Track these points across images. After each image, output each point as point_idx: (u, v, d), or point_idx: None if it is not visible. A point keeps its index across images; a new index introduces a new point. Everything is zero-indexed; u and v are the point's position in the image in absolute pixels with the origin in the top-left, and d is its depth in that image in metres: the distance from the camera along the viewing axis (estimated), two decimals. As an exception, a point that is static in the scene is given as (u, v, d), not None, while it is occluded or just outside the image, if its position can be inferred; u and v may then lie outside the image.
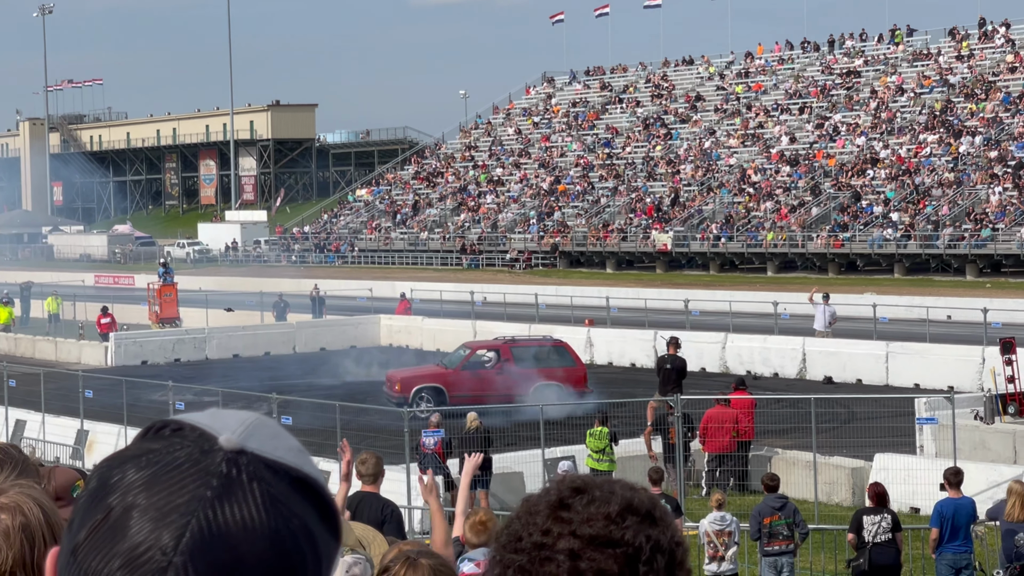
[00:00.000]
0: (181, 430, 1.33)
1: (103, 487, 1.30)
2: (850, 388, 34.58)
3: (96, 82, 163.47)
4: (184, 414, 1.37)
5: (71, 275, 77.97)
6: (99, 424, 29.07)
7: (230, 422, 1.34)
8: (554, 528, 1.70)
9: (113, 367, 42.82)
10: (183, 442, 1.31)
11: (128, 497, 1.28)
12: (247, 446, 1.31)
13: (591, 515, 1.71)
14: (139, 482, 1.29)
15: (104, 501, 1.29)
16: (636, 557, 1.68)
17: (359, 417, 29.77)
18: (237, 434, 1.32)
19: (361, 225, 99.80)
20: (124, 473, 1.30)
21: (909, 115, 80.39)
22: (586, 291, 59.53)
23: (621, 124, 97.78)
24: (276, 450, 1.33)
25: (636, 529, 1.70)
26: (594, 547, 1.68)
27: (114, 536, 1.26)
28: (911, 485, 21.62)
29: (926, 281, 63.29)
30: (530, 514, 1.75)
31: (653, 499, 1.76)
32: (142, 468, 1.30)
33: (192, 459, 1.29)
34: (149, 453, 1.31)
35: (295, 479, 1.32)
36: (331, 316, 52.55)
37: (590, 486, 1.76)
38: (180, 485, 1.28)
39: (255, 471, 1.30)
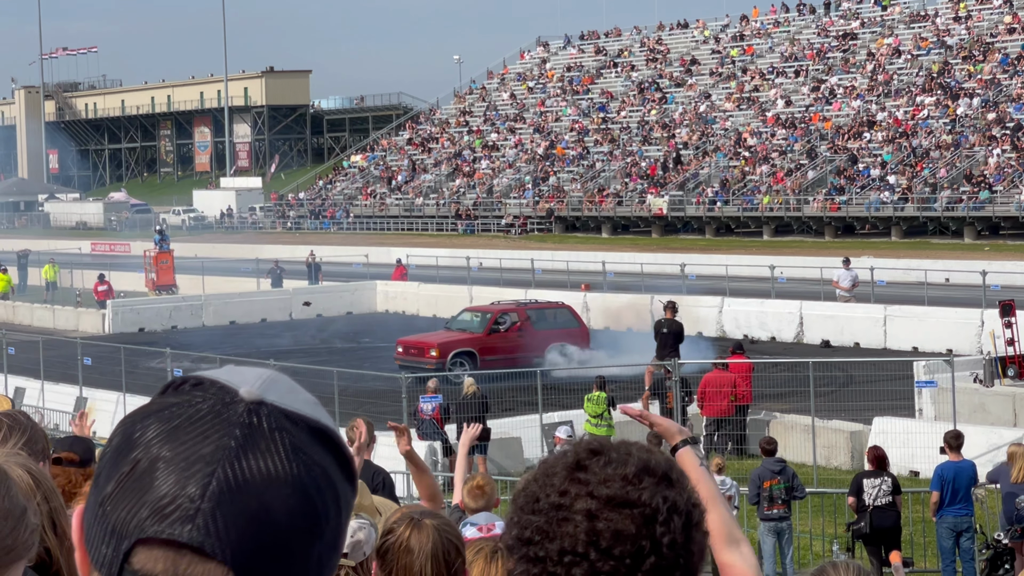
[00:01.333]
0: (201, 384, 1.34)
1: (127, 441, 1.31)
2: (848, 352, 34.60)
3: (91, 50, 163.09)
4: (202, 371, 1.38)
5: (68, 243, 78.04)
6: (98, 391, 29.13)
7: (248, 376, 1.35)
8: (571, 489, 1.71)
9: (110, 334, 42.86)
10: (204, 395, 1.32)
11: (153, 449, 1.29)
12: (266, 398, 1.32)
13: (608, 476, 1.71)
14: (163, 434, 1.30)
15: (129, 455, 1.30)
16: (653, 518, 1.68)
17: (356, 383, 29.82)
18: (256, 386, 1.33)
19: (356, 191, 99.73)
20: (147, 427, 1.31)
21: (906, 77, 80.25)
22: (582, 256, 59.53)
23: (616, 88, 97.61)
24: (294, 402, 1.34)
25: (653, 490, 1.70)
26: (611, 508, 1.69)
27: (141, 487, 1.27)
28: (910, 448, 21.66)
29: (924, 244, 63.32)
30: (547, 476, 1.75)
31: (670, 461, 1.76)
32: (165, 421, 1.31)
33: (214, 411, 1.31)
34: (171, 407, 1.32)
35: (313, 429, 1.34)
36: (327, 282, 52.57)
37: (607, 448, 1.75)
38: (204, 435, 1.29)
39: (276, 421, 1.31)
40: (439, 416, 23.31)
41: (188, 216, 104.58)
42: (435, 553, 3.93)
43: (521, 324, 34.42)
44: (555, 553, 1.68)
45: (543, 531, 1.69)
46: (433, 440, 22.93)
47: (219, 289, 51.49)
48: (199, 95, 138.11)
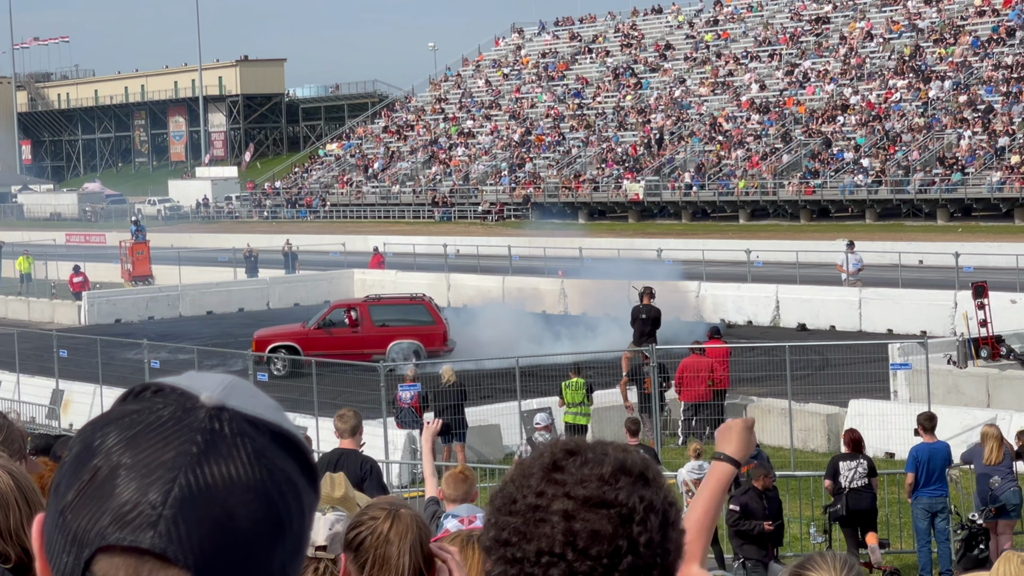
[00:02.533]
0: (162, 391, 1.34)
1: (87, 449, 1.31)
2: (824, 335, 34.74)
3: (63, 40, 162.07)
4: (162, 377, 1.38)
5: (42, 234, 77.63)
6: (74, 383, 29.02)
7: (209, 383, 1.35)
8: (548, 490, 1.72)
9: (87, 326, 42.68)
10: (165, 402, 1.33)
11: (113, 457, 1.29)
12: (228, 403, 1.33)
13: (584, 476, 1.72)
14: (123, 441, 1.30)
15: (89, 462, 1.30)
16: (630, 517, 1.69)
17: (335, 373, 29.80)
18: (217, 392, 1.33)
19: (332, 179, 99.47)
20: (107, 434, 1.31)
21: (878, 61, 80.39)
22: (559, 242, 59.51)
23: (591, 74, 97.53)
24: (256, 407, 1.35)
25: (629, 490, 1.71)
26: (588, 508, 1.70)
27: (102, 495, 1.27)
28: (886, 430, 21.77)
29: (897, 226, 63.51)
30: (524, 476, 1.76)
31: (646, 460, 1.78)
32: (125, 428, 1.31)
33: (175, 417, 1.31)
34: (131, 414, 1.32)
35: (275, 434, 1.34)
36: (304, 271, 52.45)
37: (583, 448, 1.77)
38: (165, 442, 1.29)
39: (238, 426, 1.31)
40: (418, 404, 23.33)
41: (164, 206, 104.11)
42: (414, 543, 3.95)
43: (358, 320, 33.69)
44: (532, 554, 1.69)
45: (520, 532, 1.70)
46: (412, 428, 22.94)
47: (196, 279, 51.33)
48: (173, 84, 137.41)
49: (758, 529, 15.49)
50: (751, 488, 15.74)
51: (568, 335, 34.77)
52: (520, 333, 35.25)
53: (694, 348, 25.04)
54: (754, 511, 15.62)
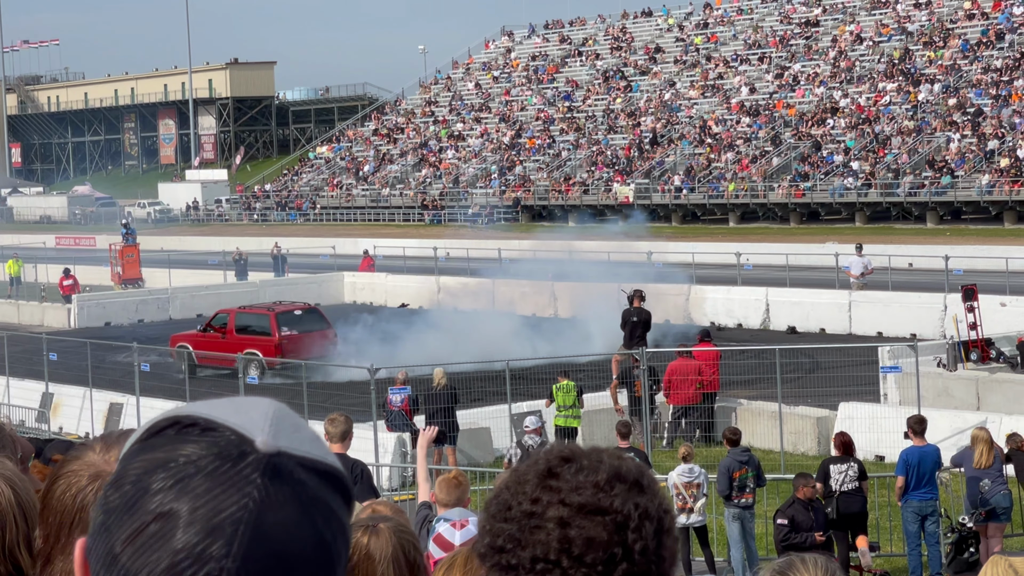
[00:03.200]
0: (213, 429, 1.33)
1: (143, 491, 1.30)
2: (814, 338, 34.78)
3: (52, 42, 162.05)
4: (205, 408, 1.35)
5: (32, 237, 77.47)
6: (64, 387, 28.96)
7: (256, 418, 1.34)
8: (543, 497, 1.72)
9: (76, 329, 42.63)
10: (218, 444, 1.32)
11: (171, 503, 1.28)
12: (281, 446, 1.32)
13: (580, 483, 1.72)
14: (180, 487, 1.29)
15: (144, 506, 1.29)
16: (625, 524, 1.70)
17: (325, 375, 29.79)
18: (268, 433, 1.32)
19: (322, 182, 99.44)
20: (162, 477, 1.30)
21: (868, 64, 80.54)
22: (549, 244, 59.43)
23: (581, 77, 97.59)
24: (303, 444, 1.35)
25: (624, 497, 1.71)
26: (583, 515, 1.70)
27: (162, 542, 1.27)
28: (876, 433, 21.80)
29: (887, 229, 63.61)
30: (519, 483, 1.76)
31: (641, 467, 1.78)
32: (181, 473, 1.29)
33: (231, 462, 1.30)
34: (184, 456, 1.31)
35: (323, 472, 1.35)
36: (294, 274, 52.40)
37: (578, 455, 1.77)
38: (224, 490, 1.28)
39: (293, 471, 1.32)
40: (408, 407, 23.30)
41: (153, 209, 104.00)
42: (396, 556, 3.95)
43: (227, 326, 34.45)
44: (528, 561, 1.69)
45: (515, 539, 1.70)
46: (402, 431, 22.93)
47: (186, 282, 51.25)
48: (163, 87, 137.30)
49: (810, 541, 15.18)
50: (795, 500, 15.51)
51: (558, 338, 34.78)
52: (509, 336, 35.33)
53: (682, 351, 25.04)
54: (802, 523, 15.37)
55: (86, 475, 2.18)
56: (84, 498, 2.16)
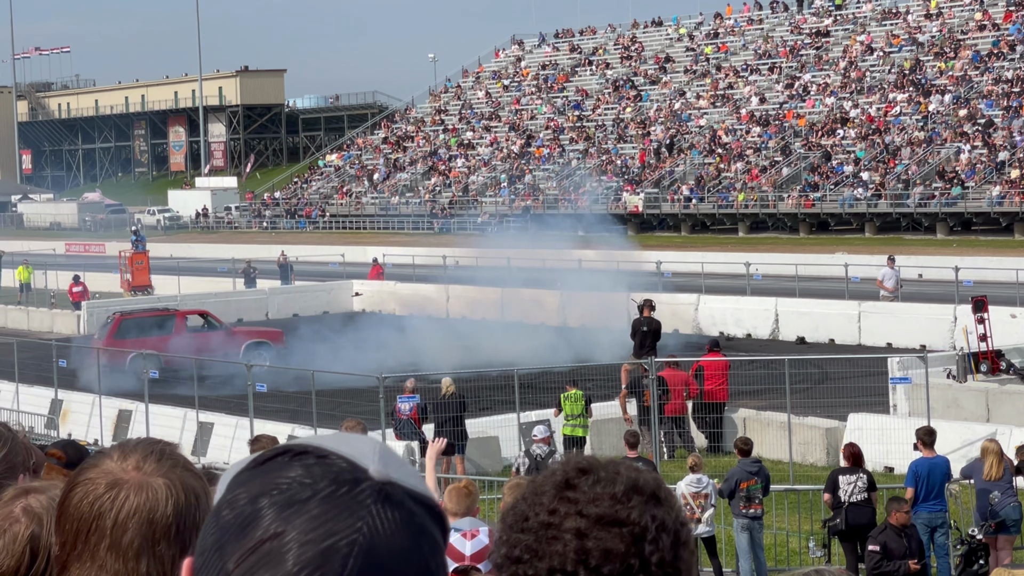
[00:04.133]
0: (326, 458, 1.36)
1: (256, 514, 1.32)
2: (823, 348, 34.72)
3: (63, 50, 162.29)
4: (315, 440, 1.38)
5: (42, 243, 77.67)
6: (73, 393, 29.00)
7: (365, 450, 1.37)
8: (560, 508, 1.72)
9: (86, 336, 42.66)
10: (332, 471, 1.34)
11: (285, 525, 1.30)
12: (391, 476, 1.36)
13: (597, 495, 1.73)
14: (295, 510, 1.31)
15: (259, 526, 1.31)
16: (642, 536, 1.70)
17: (334, 384, 29.78)
18: (380, 464, 1.36)
19: (332, 190, 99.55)
20: (277, 500, 1.32)
21: (879, 74, 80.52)
22: (558, 254, 59.40)
23: (591, 86, 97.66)
24: (410, 477, 1.39)
25: (641, 509, 1.72)
26: (600, 526, 1.70)
27: (276, 562, 1.29)
28: (885, 444, 21.75)
29: (897, 240, 63.55)
30: (536, 494, 1.76)
31: (658, 480, 1.78)
32: (296, 496, 1.32)
33: (344, 489, 1.33)
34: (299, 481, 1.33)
35: (426, 505, 1.39)
36: (302, 282, 52.42)
37: (595, 467, 1.78)
38: (338, 515, 1.31)
39: (402, 501, 1.35)
40: (417, 416, 23.29)
41: (163, 216, 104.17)
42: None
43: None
44: (544, 572, 1.69)
45: (532, 550, 1.71)
46: (411, 440, 22.92)
47: (195, 289, 51.29)
48: (173, 95, 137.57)
49: (903, 570, 14.83)
50: (888, 526, 15.05)
51: (567, 347, 34.78)
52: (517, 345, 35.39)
53: (669, 361, 24.99)
54: (894, 551, 14.92)
55: (103, 483, 2.17)
56: (101, 506, 2.15)
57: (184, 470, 2.22)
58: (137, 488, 2.16)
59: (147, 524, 2.14)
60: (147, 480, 2.17)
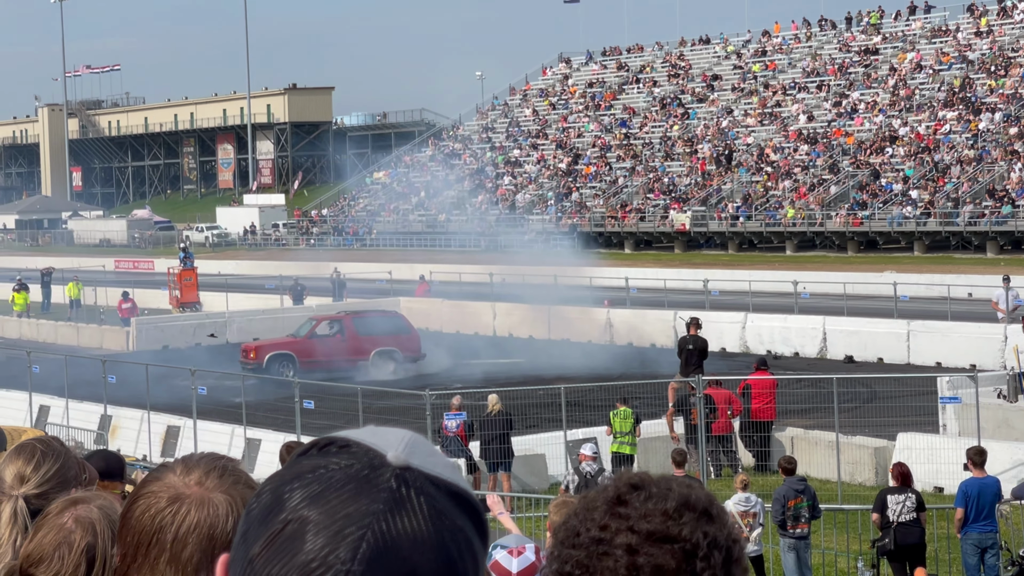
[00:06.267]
0: (348, 447, 1.38)
1: (277, 501, 1.35)
2: (871, 367, 34.50)
3: (114, 68, 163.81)
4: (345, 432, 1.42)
5: (91, 260, 78.24)
6: (122, 409, 29.17)
7: (392, 439, 1.40)
8: (612, 524, 1.72)
9: (134, 352, 42.93)
10: (352, 458, 1.37)
11: (302, 510, 1.33)
12: (412, 462, 1.37)
13: (648, 511, 1.72)
14: (312, 496, 1.34)
15: (279, 515, 1.34)
16: (693, 553, 1.69)
17: (380, 400, 29.85)
18: (402, 451, 1.38)
19: (379, 208, 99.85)
20: (296, 489, 1.35)
21: (928, 92, 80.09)
22: (605, 272, 59.44)
23: (638, 104, 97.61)
24: (435, 466, 1.39)
25: (693, 525, 1.71)
26: (652, 542, 1.70)
27: (292, 547, 1.31)
28: (935, 464, 21.59)
29: (946, 259, 63.11)
30: (588, 510, 1.76)
31: (710, 496, 1.78)
32: (314, 483, 1.35)
33: (362, 475, 1.35)
34: (319, 469, 1.36)
35: (454, 493, 1.39)
36: (351, 299, 52.59)
37: (647, 483, 1.77)
38: (353, 499, 1.33)
39: (422, 486, 1.36)
40: (463, 433, 23.29)
41: (211, 233, 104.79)
42: None
43: (343, 330, 37.27)
44: None
45: (583, 565, 1.71)
46: (457, 457, 22.93)
47: (243, 306, 51.57)
48: (222, 112, 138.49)
49: None
50: None
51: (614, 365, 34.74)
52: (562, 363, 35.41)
53: (711, 380, 24.92)
54: None
55: (165, 497, 2.20)
56: (162, 520, 2.18)
57: (245, 487, 2.24)
58: (198, 503, 2.18)
59: (207, 539, 2.16)
60: (208, 496, 2.20)
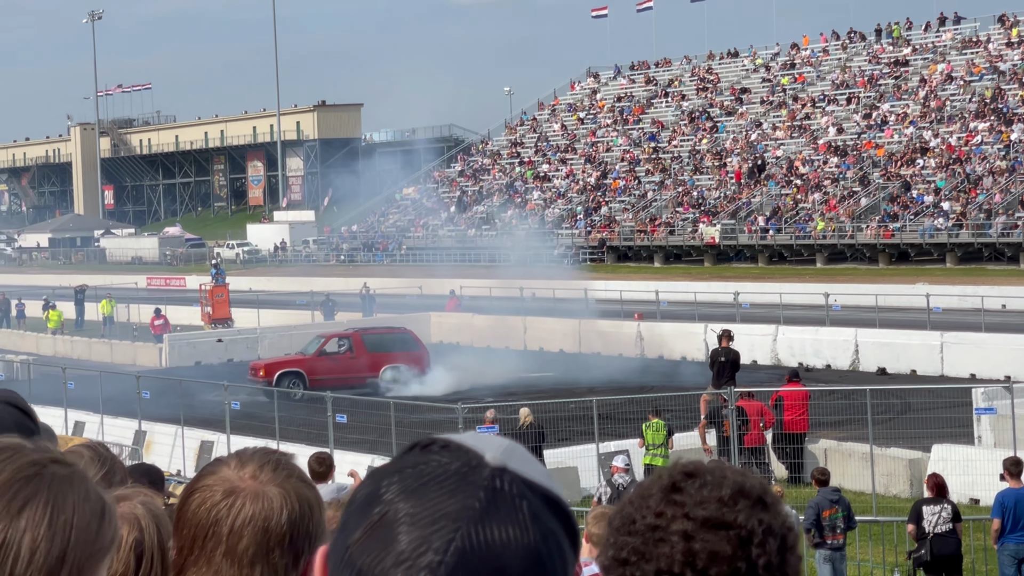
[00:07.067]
0: (448, 447, 1.42)
1: (376, 493, 1.39)
2: (905, 379, 34.33)
3: (145, 87, 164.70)
4: (448, 435, 1.46)
5: (124, 278, 78.62)
6: (156, 424, 29.29)
7: (491, 443, 1.43)
8: (667, 511, 1.74)
9: (167, 368, 43.11)
10: (451, 457, 1.40)
11: (399, 503, 1.36)
12: (509, 465, 1.40)
13: (704, 498, 1.74)
14: (409, 490, 1.37)
15: (376, 506, 1.38)
16: (748, 540, 1.71)
17: (412, 414, 29.88)
18: (500, 454, 1.41)
19: (408, 223, 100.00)
20: (395, 482, 1.39)
21: (959, 103, 79.77)
22: (635, 285, 59.35)
23: (667, 118, 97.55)
24: (532, 471, 1.42)
25: (748, 512, 1.73)
26: (707, 529, 1.71)
27: (387, 537, 1.35)
28: (970, 476, 21.47)
29: (979, 270, 62.79)
30: (643, 498, 1.78)
31: (764, 485, 1.79)
32: (412, 478, 1.38)
33: (460, 472, 1.38)
34: (419, 465, 1.40)
35: (547, 498, 1.41)
36: (381, 314, 52.66)
37: (702, 471, 1.79)
38: (449, 494, 1.36)
39: (517, 488, 1.38)
40: (496, 447, 23.26)
41: (242, 250, 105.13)
42: None
43: (353, 347, 37.19)
44: (651, 574, 1.70)
45: (639, 552, 1.72)
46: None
47: (274, 322, 51.71)
48: (252, 130, 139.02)
49: None
50: None
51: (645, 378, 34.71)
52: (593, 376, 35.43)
53: (743, 392, 24.83)
54: None
55: (220, 490, 2.24)
56: (217, 513, 2.21)
57: (299, 480, 2.27)
58: (253, 496, 2.22)
59: (262, 532, 2.19)
60: (263, 489, 2.23)
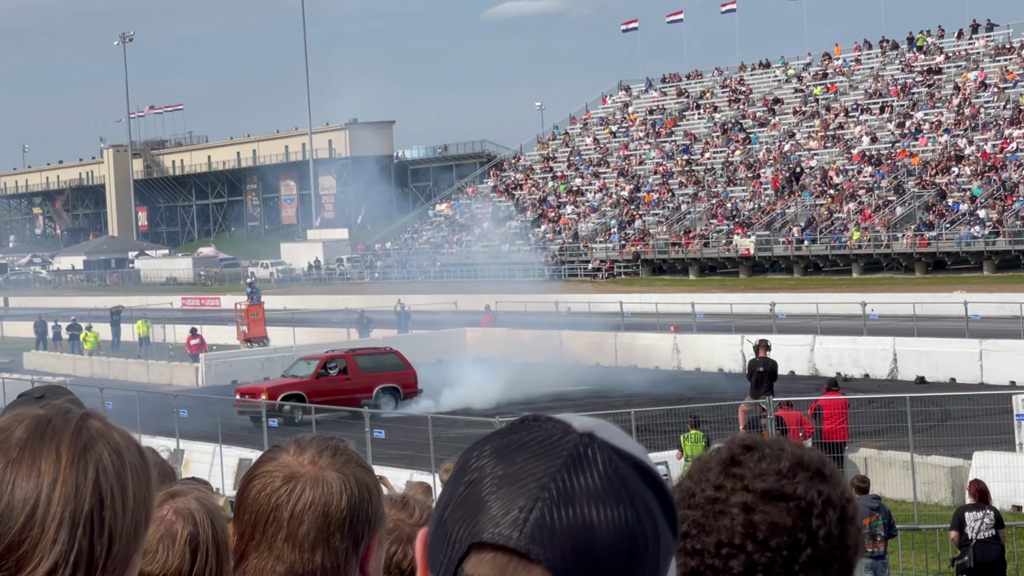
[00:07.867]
0: (538, 420, 1.43)
1: (465, 464, 1.41)
2: (944, 387, 34.14)
3: (176, 108, 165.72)
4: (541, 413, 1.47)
5: (159, 298, 79.02)
6: (194, 443, 29.39)
7: (580, 417, 1.44)
8: (727, 484, 1.75)
9: (204, 387, 43.29)
10: (540, 426, 1.41)
11: (487, 468, 1.38)
12: (597, 433, 1.40)
13: (763, 471, 1.74)
14: (497, 456, 1.39)
15: (466, 475, 1.39)
16: (808, 511, 1.71)
17: (449, 430, 29.89)
18: (590, 426, 1.41)
19: (442, 240, 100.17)
20: (484, 451, 1.41)
21: (993, 110, 79.42)
22: (670, 298, 59.26)
23: (699, 130, 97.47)
24: (624, 443, 1.42)
25: (807, 484, 1.73)
26: (767, 500, 1.72)
27: (476, 500, 1.36)
28: (1012, 483, 21.34)
29: (1017, 278, 62.43)
30: (702, 471, 1.78)
31: (823, 457, 1.79)
32: (501, 447, 1.40)
33: (548, 438, 1.39)
34: (509, 434, 1.42)
35: (639, 466, 1.40)
36: (417, 331, 52.73)
37: (760, 444, 1.79)
38: (536, 457, 1.37)
39: (604, 453, 1.38)
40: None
41: (276, 269, 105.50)
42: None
43: (348, 368, 37.50)
44: (712, 546, 1.71)
45: (700, 525, 1.73)
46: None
47: (309, 340, 51.81)
48: (284, 149, 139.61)
49: None
50: None
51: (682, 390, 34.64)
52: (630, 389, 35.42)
53: (782, 402, 24.72)
54: None
55: (280, 476, 2.27)
56: (278, 498, 2.24)
57: (357, 465, 2.29)
58: (313, 482, 2.24)
59: (322, 517, 2.22)
60: (322, 474, 2.25)
